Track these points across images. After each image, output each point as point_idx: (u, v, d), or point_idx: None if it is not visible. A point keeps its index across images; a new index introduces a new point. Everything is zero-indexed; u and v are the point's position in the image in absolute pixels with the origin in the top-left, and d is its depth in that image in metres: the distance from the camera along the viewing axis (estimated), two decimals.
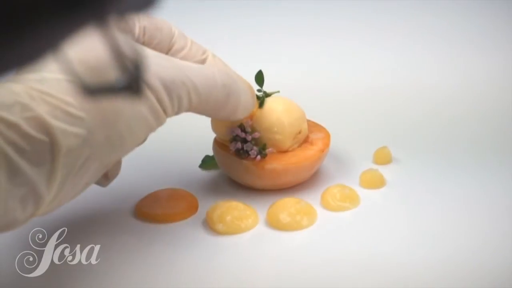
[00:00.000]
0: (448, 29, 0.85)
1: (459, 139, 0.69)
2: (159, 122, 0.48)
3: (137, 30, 0.52)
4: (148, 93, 0.46)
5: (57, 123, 0.41)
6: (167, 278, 0.50)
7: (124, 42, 0.27)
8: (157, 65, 0.47)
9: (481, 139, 0.69)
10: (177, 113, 0.49)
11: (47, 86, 0.42)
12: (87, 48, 0.39)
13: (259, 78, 0.61)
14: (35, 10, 0.24)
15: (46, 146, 0.41)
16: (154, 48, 0.53)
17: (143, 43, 0.53)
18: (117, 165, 0.54)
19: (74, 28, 0.25)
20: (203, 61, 0.56)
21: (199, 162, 0.65)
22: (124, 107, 0.44)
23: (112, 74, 0.27)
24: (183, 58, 0.55)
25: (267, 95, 0.61)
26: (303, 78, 0.80)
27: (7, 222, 0.41)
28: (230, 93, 0.52)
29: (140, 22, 0.52)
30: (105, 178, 0.53)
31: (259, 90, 0.61)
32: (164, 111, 0.47)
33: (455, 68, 0.81)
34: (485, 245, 0.53)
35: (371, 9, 0.87)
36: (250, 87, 0.56)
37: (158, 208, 0.58)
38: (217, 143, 0.61)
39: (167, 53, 0.54)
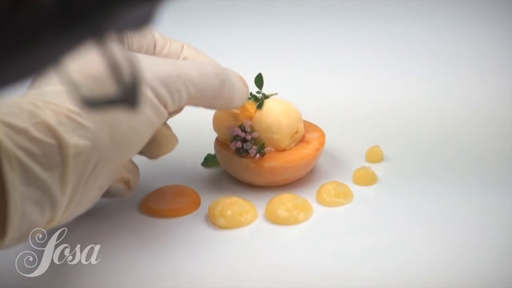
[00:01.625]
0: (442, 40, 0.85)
1: (447, 138, 0.69)
2: (161, 118, 0.48)
3: (126, 43, 0.52)
4: (148, 92, 0.46)
5: (62, 127, 0.42)
6: (170, 271, 0.51)
7: (121, 57, 0.27)
8: (152, 64, 0.47)
9: (469, 140, 0.69)
10: (178, 106, 0.49)
11: (49, 97, 0.43)
12: (88, 62, 0.38)
13: (259, 81, 0.62)
14: (37, 28, 0.24)
15: (55, 149, 0.41)
16: (144, 54, 0.53)
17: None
18: (137, 173, 0.54)
19: (73, 45, 0.26)
20: (185, 57, 0.56)
21: (202, 160, 0.65)
22: None
23: (111, 87, 0.27)
24: (166, 55, 0.55)
25: (266, 97, 0.61)
26: (300, 81, 0.80)
27: (27, 226, 0.41)
28: (223, 80, 0.52)
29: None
30: (127, 187, 0.53)
31: (258, 92, 0.61)
32: (165, 106, 0.47)
33: (445, 74, 0.80)
34: (474, 238, 0.54)
35: (365, 16, 0.86)
36: (240, 76, 0.56)
37: (163, 204, 0.58)
38: (218, 143, 0.62)
39: (153, 54, 0.55)
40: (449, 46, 0.84)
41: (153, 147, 0.52)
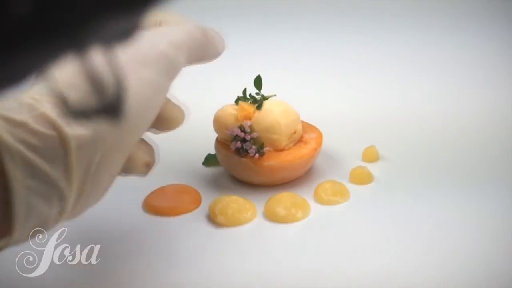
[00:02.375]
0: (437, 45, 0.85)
1: (442, 139, 0.69)
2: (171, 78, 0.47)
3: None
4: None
5: (62, 119, 0.41)
6: (171, 268, 0.51)
7: (104, 68, 0.26)
8: (148, 39, 0.46)
9: (464, 141, 0.69)
10: (178, 71, 0.48)
11: (46, 92, 0.43)
12: (73, 70, 0.37)
13: (258, 82, 0.62)
14: (18, 37, 0.23)
15: (56, 141, 0.41)
16: None
17: None
18: (152, 152, 0.51)
19: (54, 55, 0.25)
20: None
21: (202, 159, 0.66)
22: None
23: (94, 99, 0.26)
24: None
25: (264, 98, 0.62)
26: (299, 82, 0.80)
27: (36, 219, 0.41)
28: (204, 32, 0.50)
29: None
30: (147, 167, 0.50)
31: (257, 94, 0.62)
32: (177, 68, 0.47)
33: (442, 76, 0.80)
34: (468, 237, 0.54)
35: (362, 19, 0.87)
36: (210, 27, 0.54)
37: (164, 202, 0.59)
38: (218, 142, 0.63)
39: None
40: (446, 48, 0.84)
41: (161, 122, 0.50)
